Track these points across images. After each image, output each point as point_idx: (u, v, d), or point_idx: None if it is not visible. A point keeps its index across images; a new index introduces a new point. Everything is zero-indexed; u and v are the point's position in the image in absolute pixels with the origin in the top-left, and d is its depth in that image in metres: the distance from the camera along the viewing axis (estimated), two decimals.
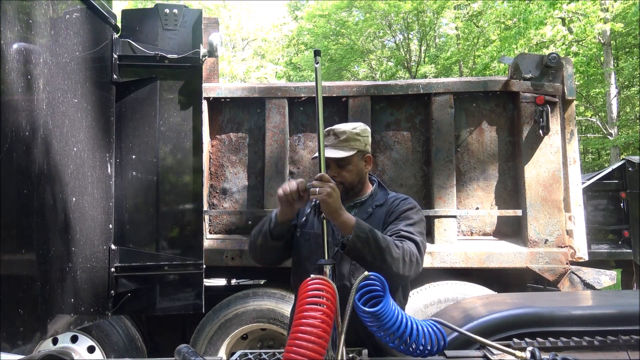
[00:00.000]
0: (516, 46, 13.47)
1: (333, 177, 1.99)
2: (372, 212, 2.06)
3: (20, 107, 2.04)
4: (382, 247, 1.77)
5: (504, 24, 15.53)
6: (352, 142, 2.04)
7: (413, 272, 1.85)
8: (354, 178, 2.07)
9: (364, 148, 2.08)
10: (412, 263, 1.83)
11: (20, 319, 1.98)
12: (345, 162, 2.04)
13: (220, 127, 4.31)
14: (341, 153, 2.01)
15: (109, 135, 2.94)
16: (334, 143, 2.03)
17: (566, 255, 3.85)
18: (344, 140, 2.03)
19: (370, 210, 2.07)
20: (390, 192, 2.19)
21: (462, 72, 18.66)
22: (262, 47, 24.52)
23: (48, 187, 2.22)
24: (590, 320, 1.79)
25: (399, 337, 1.55)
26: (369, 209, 2.08)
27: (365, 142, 2.09)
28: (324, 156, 1.82)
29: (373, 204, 2.10)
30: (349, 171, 2.06)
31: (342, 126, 2.08)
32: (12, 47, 1.95)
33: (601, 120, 15.31)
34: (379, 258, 1.76)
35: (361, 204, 2.12)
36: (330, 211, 1.77)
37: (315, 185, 1.77)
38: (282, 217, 2.00)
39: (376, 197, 2.13)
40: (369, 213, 2.06)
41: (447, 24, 19.48)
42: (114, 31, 3.00)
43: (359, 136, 2.06)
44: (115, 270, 2.93)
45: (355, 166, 2.07)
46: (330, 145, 2.02)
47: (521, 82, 4.00)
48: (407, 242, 1.86)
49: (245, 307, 3.99)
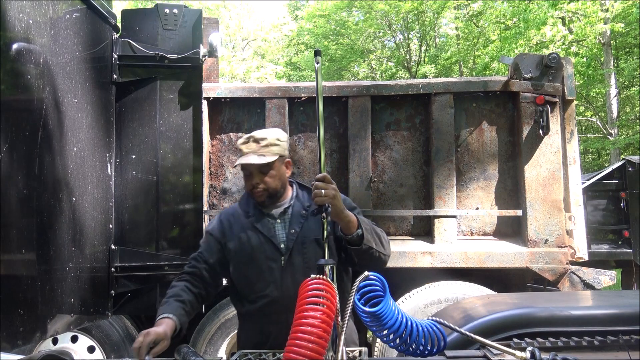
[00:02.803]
0: (516, 46, 13.46)
1: (256, 184, 2.00)
2: (307, 215, 2.04)
3: (20, 107, 2.04)
4: (378, 233, 1.96)
5: (504, 24, 15.53)
6: (273, 148, 2.00)
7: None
8: (277, 183, 2.04)
9: (284, 153, 2.06)
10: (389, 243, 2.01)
11: (20, 319, 1.98)
12: (268, 168, 2.01)
13: (221, 127, 4.30)
14: (264, 159, 1.97)
15: (109, 135, 2.94)
16: (255, 149, 1.98)
17: (566, 255, 3.85)
18: (265, 146, 1.98)
19: (304, 212, 2.05)
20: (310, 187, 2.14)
21: (462, 72, 18.66)
22: (262, 47, 24.51)
23: (48, 187, 2.22)
24: (591, 320, 1.79)
25: (399, 337, 1.55)
26: (302, 212, 2.05)
27: (284, 147, 2.06)
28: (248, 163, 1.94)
29: (302, 206, 2.07)
30: (272, 177, 2.02)
31: (261, 132, 2.04)
32: (12, 47, 1.95)
33: (601, 120, 15.31)
34: (380, 244, 1.93)
35: (290, 208, 2.08)
36: (337, 212, 1.78)
37: (319, 187, 1.74)
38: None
39: (303, 199, 2.10)
40: (303, 216, 2.04)
41: (447, 24, 19.47)
42: (114, 31, 3.00)
43: (279, 141, 2.03)
44: (115, 270, 2.94)
45: (277, 171, 2.04)
46: (251, 151, 1.98)
47: (521, 82, 4.00)
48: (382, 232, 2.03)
49: None
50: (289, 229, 2.04)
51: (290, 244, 2.00)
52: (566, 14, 13.39)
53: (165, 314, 1.81)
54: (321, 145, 1.76)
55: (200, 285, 2.03)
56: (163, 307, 1.87)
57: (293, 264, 1.98)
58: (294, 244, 2.00)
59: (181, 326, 1.82)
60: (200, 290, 2.03)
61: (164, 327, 1.74)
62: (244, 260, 2.03)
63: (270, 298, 1.97)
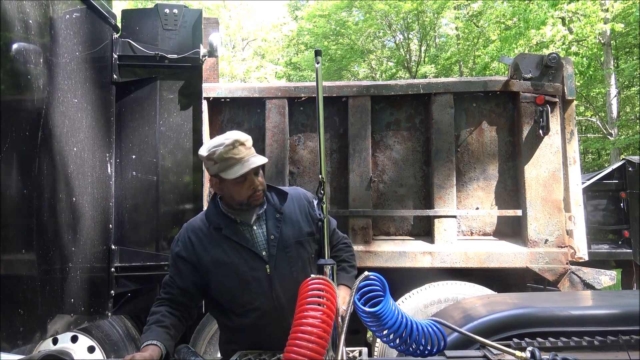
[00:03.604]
0: (516, 46, 13.46)
1: (257, 187, 1.92)
2: (282, 217, 1.99)
3: (20, 107, 2.04)
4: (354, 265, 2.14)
5: (504, 24, 15.53)
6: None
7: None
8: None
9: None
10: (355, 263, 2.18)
11: (20, 318, 1.98)
12: (260, 169, 1.97)
13: (221, 127, 4.30)
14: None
15: (109, 135, 2.94)
16: (248, 152, 1.89)
17: (566, 255, 3.85)
18: (251, 147, 1.93)
19: (279, 216, 1.99)
20: (286, 191, 2.09)
21: (462, 72, 18.66)
22: (262, 47, 24.50)
23: (48, 187, 2.22)
24: (590, 320, 1.79)
25: (399, 337, 1.55)
26: (276, 215, 1.99)
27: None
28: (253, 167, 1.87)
29: (274, 210, 2.01)
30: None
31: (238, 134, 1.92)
32: (11, 47, 1.95)
33: (601, 121, 15.31)
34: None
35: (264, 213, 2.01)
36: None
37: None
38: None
39: (274, 202, 2.03)
40: (279, 220, 1.98)
41: (447, 24, 19.47)
42: (114, 31, 3.00)
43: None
44: (115, 270, 2.94)
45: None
46: (246, 155, 1.88)
47: (521, 82, 4.00)
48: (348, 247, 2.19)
49: None
50: (268, 235, 1.95)
51: (272, 250, 1.93)
52: (566, 14, 13.39)
53: (150, 340, 1.75)
54: (321, 146, 1.75)
55: (179, 308, 1.94)
56: (146, 334, 1.80)
57: (279, 271, 1.92)
58: (277, 250, 1.93)
59: (167, 351, 1.77)
60: (182, 313, 1.94)
61: (150, 352, 1.69)
62: (224, 274, 1.92)
63: (261, 310, 1.90)
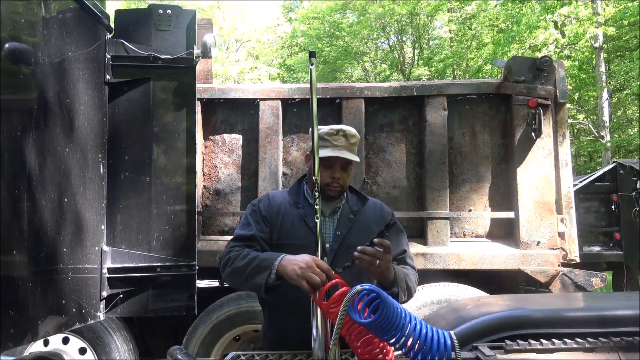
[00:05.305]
0: (509, 49, 13.54)
1: (337, 178, 1.97)
2: (354, 220, 2.03)
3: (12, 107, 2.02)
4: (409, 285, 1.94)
5: (497, 27, 15.61)
6: (357, 147, 2.04)
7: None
8: (348, 183, 2.07)
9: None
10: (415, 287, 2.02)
11: (10, 320, 1.96)
12: (350, 166, 2.02)
13: (214, 128, 4.30)
14: (353, 156, 1.98)
15: (101, 135, 2.93)
16: (346, 145, 1.97)
17: (558, 257, 3.87)
18: (354, 144, 2.00)
19: (352, 217, 2.04)
20: (367, 197, 2.16)
21: (456, 75, 18.73)
22: (256, 49, 24.48)
23: (39, 188, 2.20)
24: (582, 322, 1.79)
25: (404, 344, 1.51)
26: (349, 216, 2.04)
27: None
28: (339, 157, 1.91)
29: (349, 209, 2.06)
30: (349, 175, 2.04)
31: (349, 128, 2.02)
32: (3, 47, 1.94)
33: (593, 123, 15.42)
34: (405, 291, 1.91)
35: (340, 209, 2.06)
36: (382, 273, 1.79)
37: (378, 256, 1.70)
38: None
39: (351, 203, 2.09)
40: (351, 220, 2.03)
41: (441, 27, 19.55)
42: (107, 31, 2.99)
43: (359, 141, 2.08)
44: (107, 271, 2.92)
45: (352, 171, 2.06)
46: (342, 146, 1.96)
47: (514, 84, 4.03)
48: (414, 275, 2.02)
49: (238, 309, 3.98)
50: (336, 230, 2.00)
51: (335, 245, 1.96)
52: (559, 17, 13.48)
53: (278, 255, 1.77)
54: (315, 147, 1.75)
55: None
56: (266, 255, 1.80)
57: (334, 267, 1.86)
58: (339, 246, 1.96)
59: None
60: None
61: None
62: (285, 251, 1.85)
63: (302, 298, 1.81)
